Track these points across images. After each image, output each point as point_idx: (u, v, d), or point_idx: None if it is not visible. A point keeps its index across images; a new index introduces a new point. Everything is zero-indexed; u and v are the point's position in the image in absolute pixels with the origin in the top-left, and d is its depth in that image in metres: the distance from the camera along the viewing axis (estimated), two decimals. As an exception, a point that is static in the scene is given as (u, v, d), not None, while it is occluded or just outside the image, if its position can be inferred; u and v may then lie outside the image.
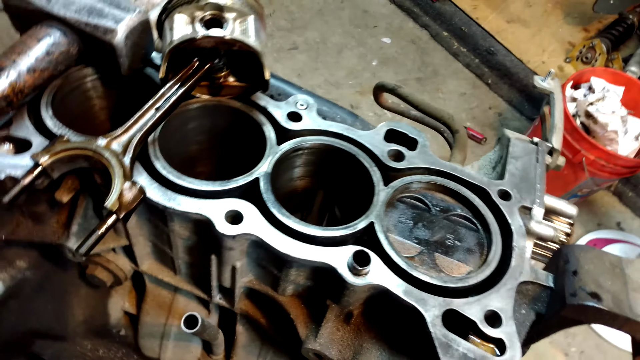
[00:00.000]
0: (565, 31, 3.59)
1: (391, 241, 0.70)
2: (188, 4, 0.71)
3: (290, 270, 0.69)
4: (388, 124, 0.83)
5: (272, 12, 3.74)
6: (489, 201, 0.76)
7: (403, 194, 0.77)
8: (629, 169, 2.41)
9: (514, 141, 0.86)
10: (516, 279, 0.67)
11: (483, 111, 3.40)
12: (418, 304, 0.63)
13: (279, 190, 0.75)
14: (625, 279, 0.65)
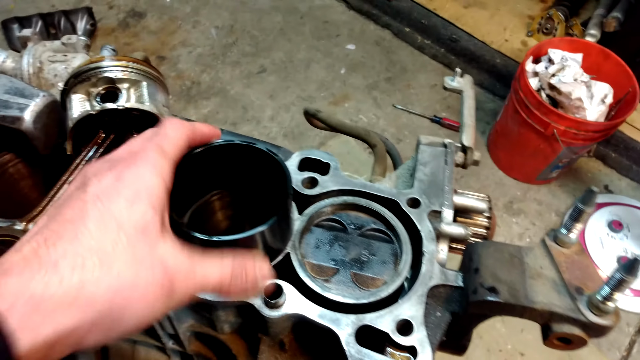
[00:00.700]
0: (524, 6, 3.62)
1: (308, 267, 0.74)
2: (82, 83, 0.76)
3: (218, 312, 0.74)
4: (301, 153, 0.87)
5: (235, 40, 3.81)
6: (399, 211, 0.80)
7: (319, 219, 0.81)
8: (600, 132, 2.43)
9: (422, 147, 0.89)
10: (427, 284, 0.71)
11: (456, 99, 3.41)
12: (332, 324, 0.67)
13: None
14: (524, 267, 0.68)
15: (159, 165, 0.54)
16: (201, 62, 3.68)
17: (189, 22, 3.97)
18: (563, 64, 2.49)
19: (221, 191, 0.82)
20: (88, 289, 0.43)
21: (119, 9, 4.06)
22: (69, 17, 3.77)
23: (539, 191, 3.00)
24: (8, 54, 1.01)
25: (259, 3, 4.07)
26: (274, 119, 3.45)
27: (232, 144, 0.72)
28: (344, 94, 3.54)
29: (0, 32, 3.74)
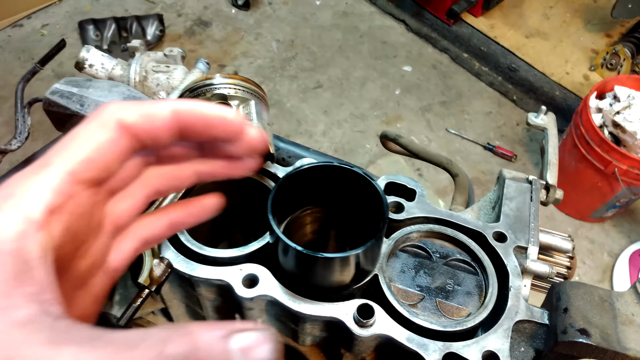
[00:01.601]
0: (587, 39, 3.58)
1: (394, 291, 0.77)
2: (197, 97, 0.81)
3: (305, 324, 0.77)
4: (387, 177, 0.91)
5: (294, 54, 3.90)
6: (485, 244, 0.82)
7: (404, 244, 0.84)
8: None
9: (508, 182, 0.91)
10: (512, 319, 0.72)
11: (511, 128, 3.41)
12: (420, 349, 0.69)
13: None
14: (615, 313, 0.69)
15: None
16: (260, 74, 3.78)
17: (252, 34, 4.09)
18: (630, 102, 2.44)
19: (313, 207, 0.86)
20: None
21: (187, 17, 4.23)
22: (141, 22, 3.95)
23: (591, 229, 2.93)
24: (117, 62, 1.09)
25: (321, 20, 4.16)
26: (325, 134, 3.50)
27: (332, 165, 0.76)
28: (397, 115, 3.56)
29: (76, 31, 3.95)
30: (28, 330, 0.31)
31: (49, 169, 0.38)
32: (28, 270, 0.34)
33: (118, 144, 0.42)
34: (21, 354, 0.30)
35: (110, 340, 0.31)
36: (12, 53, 3.88)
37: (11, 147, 1.41)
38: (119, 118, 0.42)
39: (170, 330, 0.32)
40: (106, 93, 0.87)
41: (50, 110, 0.87)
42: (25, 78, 1.48)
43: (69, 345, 0.30)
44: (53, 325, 0.32)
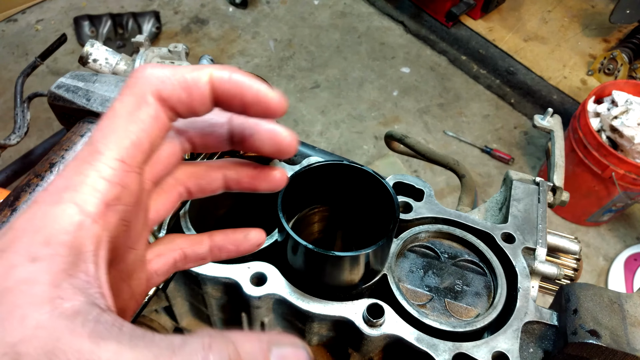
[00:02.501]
0: (585, 44, 3.60)
1: (403, 291, 0.76)
2: (206, 93, 0.81)
3: (313, 323, 0.76)
4: (395, 177, 0.90)
5: (292, 54, 3.89)
6: (493, 245, 0.82)
7: (413, 244, 0.83)
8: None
9: (516, 183, 0.91)
10: (521, 320, 0.72)
11: (509, 131, 3.42)
12: (430, 349, 0.69)
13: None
14: (624, 314, 0.69)
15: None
16: (257, 73, 3.74)
17: (249, 33, 4.08)
18: (627, 106, 2.46)
19: (321, 206, 0.85)
20: None
21: (184, 14, 4.21)
22: (137, 19, 3.93)
23: (587, 233, 2.95)
24: (121, 57, 1.08)
25: (319, 20, 4.16)
26: (323, 134, 3.50)
27: (342, 164, 0.75)
28: (394, 116, 3.56)
29: (71, 27, 3.92)
30: (73, 322, 0.31)
31: (101, 158, 0.37)
32: (79, 263, 0.34)
33: (160, 118, 0.41)
34: (63, 345, 0.30)
35: (151, 342, 0.31)
36: (6, 48, 3.85)
37: (10, 142, 1.40)
38: (157, 90, 0.40)
39: (211, 338, 0.32)
40: (112, 87, 0.86)
41: (56, 104, 0.86)
42: (25, 72, 1.47)
43: (111, 342, 0.31)
44: (98, 319, 0.32)
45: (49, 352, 0.30)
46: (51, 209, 0.35)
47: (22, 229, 0.35)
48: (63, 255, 0.34)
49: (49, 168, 0.78)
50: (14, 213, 0.72)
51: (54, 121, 3.28)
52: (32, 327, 0.31)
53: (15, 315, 0.31)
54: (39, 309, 0.31)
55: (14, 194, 0.74)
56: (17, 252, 0.34)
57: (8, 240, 0.34)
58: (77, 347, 0.30)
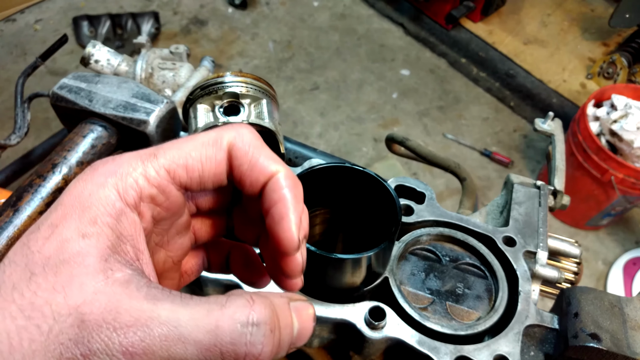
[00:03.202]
0: (585, 47, 3.61)
1: (405, 294, 0.76)
2: (208, 95, 0.81)
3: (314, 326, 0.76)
4: (396, 180, 0.90)
5: (291, 55, 3.90)
6: (494, 248, 0.82)
7: (414, 247, 0.83)
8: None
9: (517, 187, 0.91)
10: (522, 323, 0.72)
11: (508, 134, 3.43)
12: (431, 352, 0.69)
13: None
14: (624, 318, 0.69)
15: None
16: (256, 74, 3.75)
17: (248, 34, 4.09)
18: (627, 110, 2.47)
19: (322, 208, 0.85)
20: None
21: (183, 15, 4.21)
22: (136, 20, 3.93)
23: (586, 237, 2.95)
24: (123, 58, 1.08)
25: (318, 21, 4.16)
26: (322, 136, 3.50)
27: (344, 166, 0.75)
28: (394, 118, 3.57)
29: (70, 27, 3.92)
30: (128, 287, 0.35)
31: (153, 161, 0.42)
32: (122, 243, 0.39)
33: (219, 164, 0.44)
34: (124, 306, 0.34)
35: (201, 301, 0.36)
36: (4, 48, 3.84)
37: (10, 142, 1.39)
38: (234, 147, 0.43)
39: (251, 295, 0.38)
40: (115, 89, 0.86)
41: (58, 105, 0.86)
42: (26, 72, 1.46)
43: (166, 302, 0.35)
44: (149, 286, 0.36)
45: (113, 311, 0.34)
46: (97, 191, 0.39)
47: (71, 205, 0.39)
48: (109, 235, 0.38)
49: (52, 169, 0.78)
50: (17, 213, 0.72)
51: (52, 122, 3.27)
52: (91, 292, 0.34)
53: (74, 283, 0.35)
54: (94, 278, 0.35)
55: (16, 195, 0.74)
56: (69, 227, 0.37)
57: (59, 216, 0.38)
58: (136, 306, 0.34)
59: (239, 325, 0.35)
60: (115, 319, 0.34)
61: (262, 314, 0.37)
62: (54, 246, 0.36)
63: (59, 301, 0.34)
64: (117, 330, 0.33)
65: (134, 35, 3.92)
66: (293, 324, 0.40)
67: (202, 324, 0.35)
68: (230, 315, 0.36)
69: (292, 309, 0.41)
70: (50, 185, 0.77)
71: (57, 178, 0.78)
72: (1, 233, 0.72)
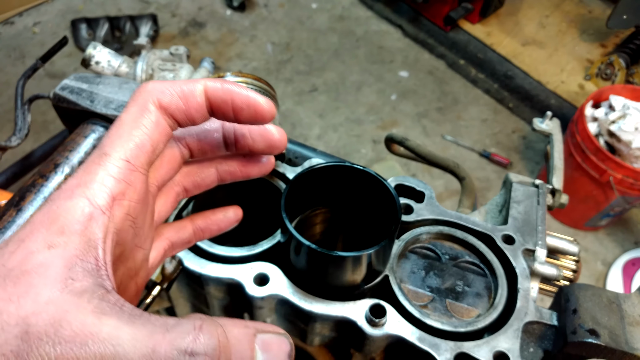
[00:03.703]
0: (583, 49, 3.62)
1: (405, 291, 0.77)
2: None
3: (315, 324, 0.77)
4: (396, 179, 0.91)
5: (290, 57, 3.91)
6: (494, 246, 0.82)
7: (414, 245, 0.84)
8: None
9: (515, 185, 0.92)
10: (522, 320, 0.73)
11: (507, 135, 3.44)
12: (431, 349, 0.70)
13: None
14: (622, 314, 0.70)
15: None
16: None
17: (247, 36, 4.10)
18: (625, 111, 2.47)
19: (323, 208, 0.86)
20: None
21: (181, 17, 4.22)
22: (134, 22, 3.94)
23: (585, 238, 2.96)
24: (123, 59, 1.08)
25: (317, 23, 4.17)
26: (321, 138, 3.51)
27: (344, 165, 0.76)
28: (392, 120, 3.58)
29: (69, 30, 3.93)
30: (80, 298, 0.35)
31: (109, 159, 0.42)
32: (90, 249, 0.38)
33: (160, 124, 0.45)
34: (69, 318, 0.34)
35: (148, 320, 0.35)
36: (2, 51, 3.85)
37: (11, 144, 1.40)
38: (157, 99, 0.45)
39: (202, 320, 0.35)
40: (116, 89, 0.87)
41: (60, 106, 0.87)
42: (26, 74, 1.47)
43: (112, 318, 0.34)
44: (103, 297, 0.36)
45: (56, 323, 0.33)
46: (65, 203, 0.39)
47: (40, 221, 0.39)
48: (76, 243, 0.38)
49: (54, 169, 0.78)
50: (20, 213, 0.73)
51: (50, 124, 3.28)
52: (43, 302, 0.34)
53: (30, 293, 0.35)
54: (51, 288, 0.35)
55: (19, 195, 0.75)
56: (35, 240, 0.38)
57: (27, 231, 0.38)
58: (81, 320, 0.34)
59: (176, 352, 0.33)
60: (57, 331, 0.33)
61: (203, 344, 0.34)
62: (18, 258, 0.37)
63: (10, 311, 0.34)
64: (55, 345, 0.33)
65: (132, 37, 3.93)
66: (255, 353, 0.36)
67: (140, 345, 0.33)
68: (170, 341, 0.34)
69: (258, 342, 0.36)
70: (52, 185, 0.78)
71: (59, 178, 0.78)
72: (5, 232, 0.72)
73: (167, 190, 0.54)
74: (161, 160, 0.50)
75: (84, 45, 3.82)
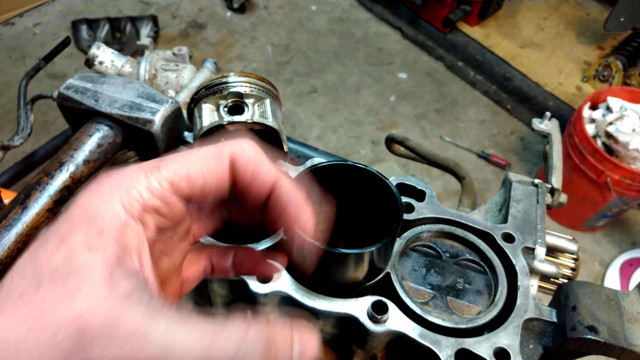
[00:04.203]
0: (580, 51, 3.64)
1: (406, 289, 0.78)
2: (213, 95, 0.82)
3: (318, 321, 0.78)
4: (397, 178, 0.92)
5: (289, 59, 3.92)
6: (494, 244, 0.83)
7: (415, 243, 0.85)
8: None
9: (515, 185, 0.93)
10: (522, 317, 0.74)
11: (505, 137, 3.45)
12: (433, 345, 0.71)
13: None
14: (621, 311, 0.71)
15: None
16: (256, 77, 3.79)
17: (247, 38, 4.11)
18: (622, 113, 2.49)
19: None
20: None
21: (182, 19, 4.23)
22: (135, 23, 3.95)
23: (583, 238, 2.97)
24: (126, 59, 1.09)
25: (317, 25, 4.19)
26: (320, 139, 3.52)
27: (346, 164, 0.77)
28: (391, 121, 3.59)
29: (69, 31, 3.94)
30: (128, 302, 0.36)
31: (157, 174, 0.43)
32: (127, 254, 0.40)
33: (223, 177, 0.45)
34: (121, 322, 0.35)
35: (197, 321, 0.36)
36: (3, 51, 3.85)
37: (14, 144, 1.41)
38: (236, 157, 0.45)
39: (248, 321, 0.38)
40: (120, 89, 0.88)
41: (64, 105, 0.88)
42: (29, 74, 1.47)
43: (162, 320, 0.36)
44: (150, 300, 0.37)
45: (110, 324, 0.35)
46: (103, 205, 0.41)
47: (79, 218, 0.40)
48: (114, 247, 0.39)
49: (59, 167, 0.79)
50: (25, 211, 0.73)
51: (51, 124, 3.28)
52: (95, 303, 0.36)
53: (80, 293, 0.36)
54: (99, 289, 0.36)
55: (24, 192, 0.75)
56: (76, 240, 0.39)
57: (67, 229, 0.40)
58: (135, 320, 0.35)
59: (230, 352, 0.35)
60: (114, 331, 0.35)
61: (253, 344, 0.36)
62: (61, 257, 0.38)
63: (63, 310, 0.35)
64: (113, 343, 0.34)
65: (132, 38, 3.94)
66: (293, 345, 0.39)
67: (195, 346, 0.35)
68: (224, 341, 0.36)
69: (295, 338, 0.39)
70: (57, 183, 0.79)
71: (64, 176, 0.79)
72: (10, 230, 0.73)
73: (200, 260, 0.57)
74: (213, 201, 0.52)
75: (84, 46, 3.83)
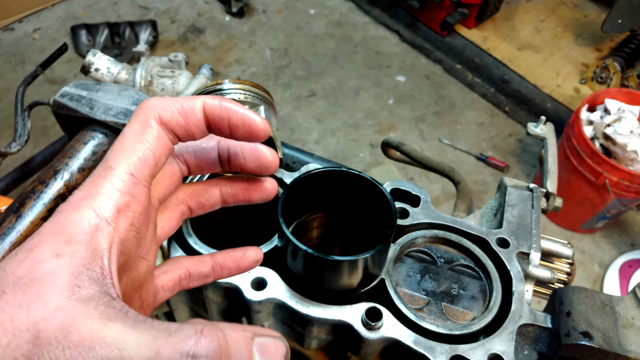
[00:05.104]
0: (578, 53, 3.64)
1: (401, 295, 0.78)
2: (207, 102, 0.82)
3: (312, 327, 0.78)
4: (392, 184, 0.92)
5: (288, 63, 3.92)
6: (489, 250, 0.83)
7: (410, 249, 0.85)
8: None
9: (510, 189, 0.93)
10: (516, 322, 0.74)
11: (503, 139, 3.45)
12: (427, 352, 0.71)
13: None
14: (616, 316, 0.71)
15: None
16: (254, 81, 3.78)
17: (245, 42, 4.11)
18: (620, 115, 2.49)
19: (319, 212, 0.87)
20: None
21: (180, 23, 4.24)
22: (134, 28, 3.95)
23: (582, 240, 2.97)
24: (123, 66, 1.09)
25: (315, 29, 4.19)
26: (319, 142, 3.52)
27: (340, 170, 0.77)
28: (390, 124, 3.59)
29: (68, 36, 3.94)
30: (87, 305, 0.37)
31: (114, 172, 0.44)
32: (96, 259, 0.40)
33: (162, 139, 0.47)
34: (77, 324, 0.36)
35: (151, 325, 0.37)
36: (2, 57, 3.85)
37: (11, 150, 1.41)
38: (159, 115, 0.47)
39: (203, 325, 0.37)
40: (115, 96, 0.88)
41: (59, 112, 0.88)
42: (26, 81, 1.48)
43: (117, 323, 0.36)
44: (108, 304, 0.38)
45: (65, 329, 0.35)
46: (72, 214, 0.42)
47: (48, 232, 0.41)
48: (82, 252, 0.40)
49: (53, 175, 0.79)
50: (19, 219, 0.73)
51: (50, 130, 3.28)
52: (52, 309, 0.36)
53: (39, 300, 0.37)
54: (59, 295, 0.37)
55: (19, 201, 0.76)
56: (43, 250, 0.39)
57: (35, 241, 0.41)
58: (88, 325, 0.36)
59: (178, 355, 0.35)
60: (66, 337, 0.35)
61: (205, 348, 0.35)
62: (27, 267, 0.38)
63: (21, 317, 0.36)
64: (64, 350, 0.35)
65: (131, 43, 3.94)
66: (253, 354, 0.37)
67: (144, 349, 0.35)
68: (173, 344, 0.35)
69: (256, 345, 0.38)
70: (52, 192, 0.79)
71: (58, 184, 0.79)
72: (4, 239, 0.73)
73: (172, 207, 0.56)
74: (163, 175, 0.53)
75: (84, 51, 3.84)
